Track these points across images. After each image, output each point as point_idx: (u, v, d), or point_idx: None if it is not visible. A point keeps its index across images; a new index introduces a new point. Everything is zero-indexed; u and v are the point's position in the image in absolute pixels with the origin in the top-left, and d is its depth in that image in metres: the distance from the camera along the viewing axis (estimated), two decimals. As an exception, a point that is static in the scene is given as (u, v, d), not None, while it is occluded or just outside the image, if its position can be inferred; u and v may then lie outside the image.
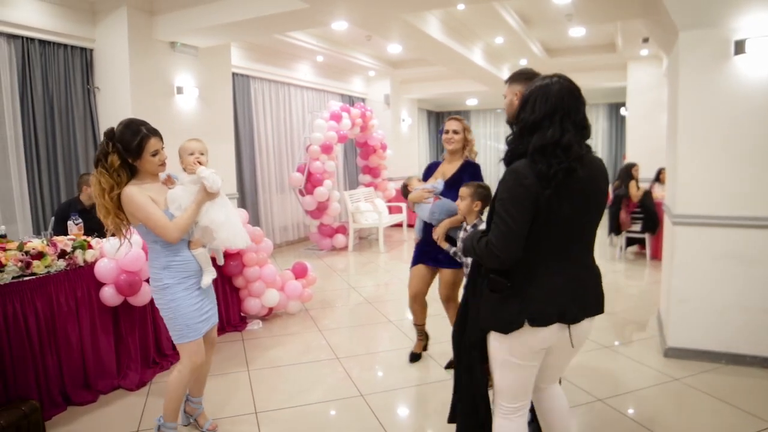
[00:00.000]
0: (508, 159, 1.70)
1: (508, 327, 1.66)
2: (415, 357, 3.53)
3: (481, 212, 2.81)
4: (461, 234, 2.87)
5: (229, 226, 2.45)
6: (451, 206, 2.99)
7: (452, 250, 2.98)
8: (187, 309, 2.33)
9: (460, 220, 2.91)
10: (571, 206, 1.63)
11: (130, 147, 2.21)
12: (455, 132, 3.18)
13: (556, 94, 1.63)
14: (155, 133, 2.28)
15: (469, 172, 3.16)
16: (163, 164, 2.33)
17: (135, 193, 2.22)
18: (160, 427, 2.47)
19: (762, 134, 3.15)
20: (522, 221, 1.58)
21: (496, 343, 1.73)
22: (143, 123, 2.27)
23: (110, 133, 2.23)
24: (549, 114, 1.61)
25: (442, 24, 6.13)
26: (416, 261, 3.31)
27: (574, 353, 1.83)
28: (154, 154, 2.26)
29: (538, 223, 1.60)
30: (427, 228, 3.15)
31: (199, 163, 2.39)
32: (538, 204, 1.58)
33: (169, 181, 2.40)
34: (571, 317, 1.67)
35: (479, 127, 14.44)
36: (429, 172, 3.35)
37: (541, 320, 1.64)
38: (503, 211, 1.60)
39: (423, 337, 3.56)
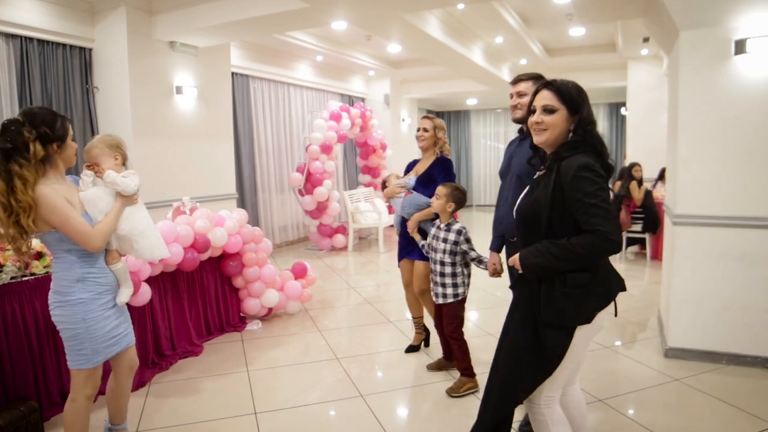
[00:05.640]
0: (565, 153, 1.74)
1: (593, 315, 1.72)
2: (412, 348, 3.63)
3: (453, 213, 3.00)
4: (433, 230, 3.04)
5: (150, 234, 2.20)
6: (420, 200, 3.22)
7: (422, 242, 3.15)
8: (100, 331, 2.04)
9: (431, 214, 3.10)
10: None
11: (56, 127, 1.94)
12: (425, 130, 3.37)
13: None
14: (68, 118, 2.05)
15: (439, 167, 3.34)
16: (76, 154, 2.09)
17: (50, 194, 1.91)
18: None
19: (762, 134, 3.14)
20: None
21: (577, 337, 1.74)
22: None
23: (18, 122, 1.90)
24: None
25: (442, 24, 6.13)
26: (400, 257, 3.50)
27: None
28: (73, 139, 2.04)
29: None
30: (404, 222, 3.34)
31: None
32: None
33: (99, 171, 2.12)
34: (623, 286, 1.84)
35: (479, 127, 14.43)
36: (408, 170, 3.54)
37: (612, 295, 1.76)
38: (601, 201, 1.64)
39: (421, 330, 3.66)
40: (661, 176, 7.05)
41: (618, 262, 6.58)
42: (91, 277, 2.03)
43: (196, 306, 3.90)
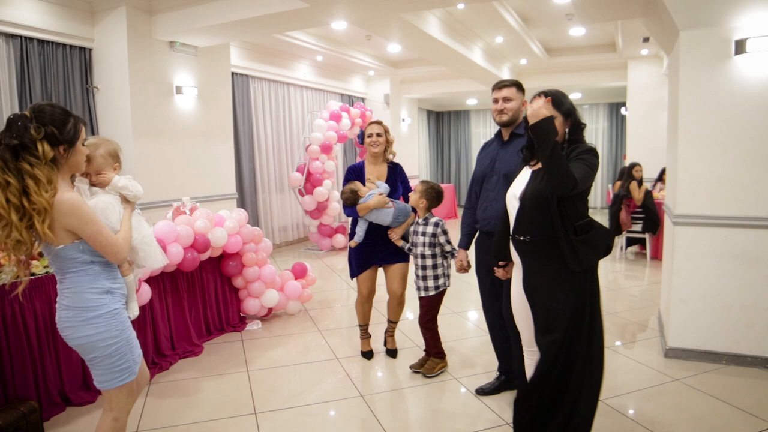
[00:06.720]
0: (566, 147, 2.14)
1: (596, 262, 2.13)
2: (371, 354, 3.61)
3: (427, 210, 3.14)
4: (412, 226, 3.22)
5: (152, 242, 2.13)
6: (408, 208, 3.30)
7: (407, 246, 3.28)
8: (134, 339, 1.94)
9: (414, 219, 3.28)
10: None
11: (65, 129, 1.74)
12: (378, 135, 3.35)
13: None
14: (82, 120, 1.87)
15: (401, 174, 3.45)
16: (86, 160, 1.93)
17: (80, 202, 1.74)
18: None
19: (762, 134, 3.14)
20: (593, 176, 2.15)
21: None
22: None
23: (25, 118, 1.69)
24: None
25: (442, 23, 6.13)
26: (362, 268, 3.47)
27: None
28: (83, 144, 1.86)
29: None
30: (372, 230, 3.33)
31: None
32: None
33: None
34: None
35: (479, 127, 14.43)
36: (352, 175, 3.43)
37: (608, 250, 2.17)
38: (589, 168, 2.06)
39: (368, 335, 3.67)
40: (661, 177, 7.05)
41: (618, 262, 6.58)
42: (116, 288, 1.91)
43: (195, 306, 3.90)
